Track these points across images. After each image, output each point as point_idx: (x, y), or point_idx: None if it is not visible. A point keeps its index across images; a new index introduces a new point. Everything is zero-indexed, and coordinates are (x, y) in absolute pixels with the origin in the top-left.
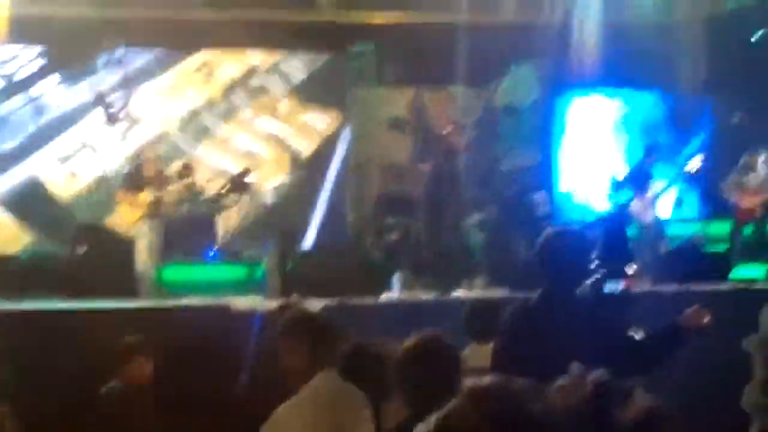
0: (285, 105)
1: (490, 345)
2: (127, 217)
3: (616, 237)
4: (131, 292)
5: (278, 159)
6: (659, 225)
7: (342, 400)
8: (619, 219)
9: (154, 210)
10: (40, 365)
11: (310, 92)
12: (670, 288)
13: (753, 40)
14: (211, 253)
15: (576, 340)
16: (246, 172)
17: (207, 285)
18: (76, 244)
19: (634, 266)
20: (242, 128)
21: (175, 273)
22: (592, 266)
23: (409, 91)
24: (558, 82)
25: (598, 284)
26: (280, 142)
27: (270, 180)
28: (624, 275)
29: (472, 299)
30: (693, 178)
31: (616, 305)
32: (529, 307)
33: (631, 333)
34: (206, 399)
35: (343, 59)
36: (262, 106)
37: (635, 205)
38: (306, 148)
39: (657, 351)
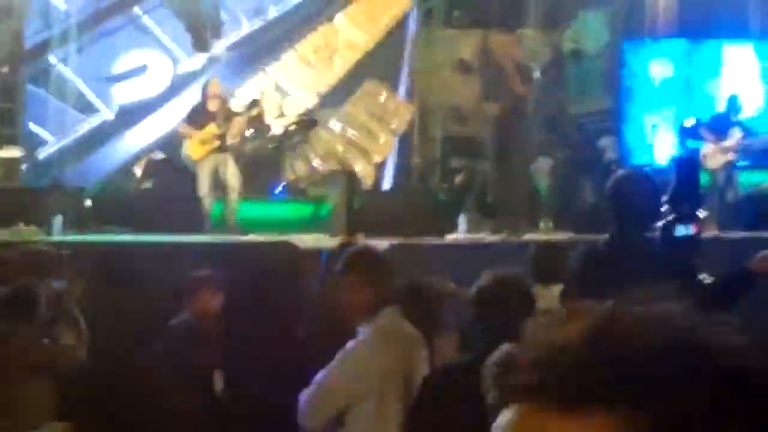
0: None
1: (556, 287)
2: (194, 152)
3: (687, 181)
4: (199, 226)
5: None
6: (731, 172)
7: (405, 337)
8: (690, 164)
9: (220, 144)
10: (111, 297)
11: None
12: (738, 234)
13: None
14: (278, 190)
15: (645, 283)
16: (312, 113)
17: (274, 222)
18: (144, 178)
19: (705, 212)
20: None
21: (243, 209)
22: (662, 210)
23: (477, 33)
24: (627, 28)
25: (668, 228)
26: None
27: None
28: (695, 220)
29: (538, 242)
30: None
31: (686, 249)
32: (598, 250)
33: (700, 277)
34: (272, 335)
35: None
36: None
37: (707, 151)
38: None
39: (726, 295)
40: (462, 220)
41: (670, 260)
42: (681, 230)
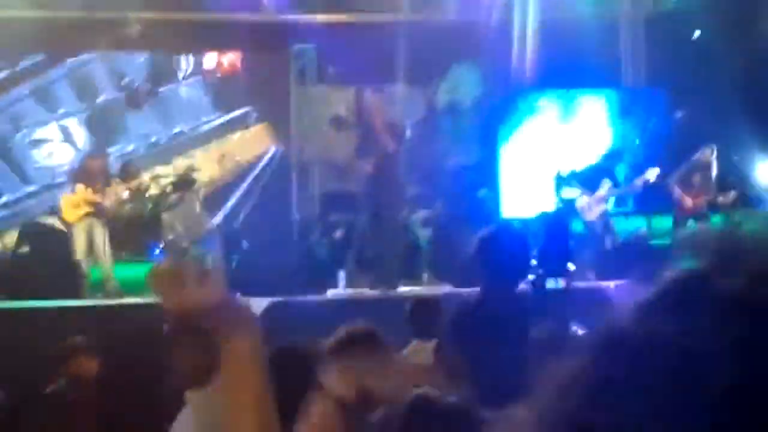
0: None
1: (432, 342)
2: (67, 214)
3: (555, 238)
4: (75, 291)
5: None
6: (606, 221)
7: None
8: (558, 220)
9: (94, 209)
10: None
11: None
12: (614, 282)
13: (693, 38)
14: (157, 251)
15: (516, 337)
16: (190, 170)
17: None
18: (20, 243)
19: (573, 266)
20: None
21: (122, 271)
22: (530, 264)
23: (350, 90)
24: (500, 81)
25: (538, 282)
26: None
27: (214, 178)
28: (564, 274)
29: (414, 297)
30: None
31: (556, 302)
32: (469, 306)
33: (573, 328)
34: (149, 395)
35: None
36: None
37: (582, 202)
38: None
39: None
40: (342, 275)
41: (540, 314)
42: (551, 283)
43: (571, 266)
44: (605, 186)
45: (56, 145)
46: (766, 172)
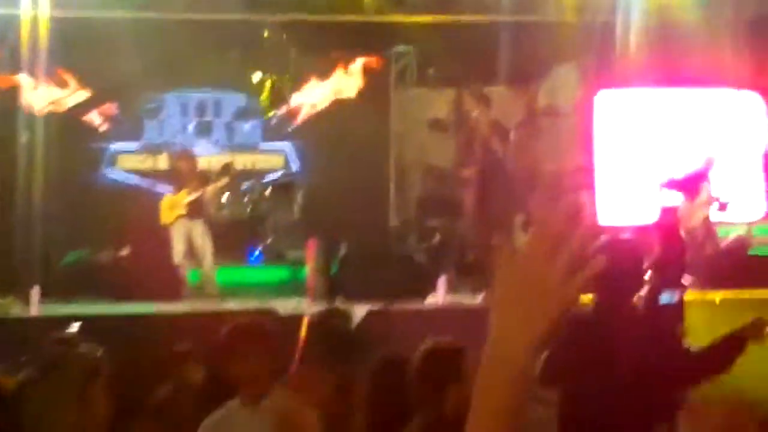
0: None
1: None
2: (164, 216)
3: (670, 247)
4: (175, 295)
5: None
6: (709, 229)
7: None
8: (672, 229)
9: (190, 210)
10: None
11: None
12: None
13: None
14: (255, 255)
15: (631, 351)
16: (291, 173)
17: (252, 287)
18: (119, 247)
19: (690, 278)
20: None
21: (220, 276)
22: (644, 276)
23: (450, 91)
24: (601, 83)
25: (652, 294)
26: None
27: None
28: (680, 286)
29: None
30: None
31: (671, 316)
32: (582, 318)
33: (686, 344)
34: None
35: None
36: None
37: (683, 209)
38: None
39: (714, 362)
40: (441, 282)
41: (655, 327)
42: (665, 297)
43: (686, 279)
44: (706, 191)
45: None
46: None
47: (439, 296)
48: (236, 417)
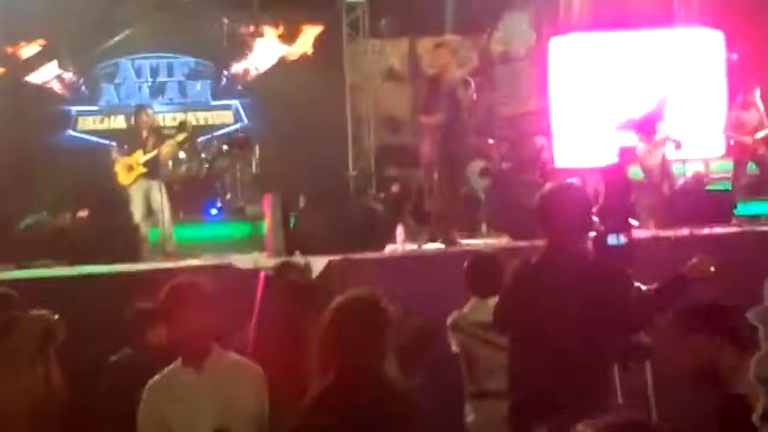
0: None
1: (492, 300)
2: (122, 178)
3: (616, 192)
4: (135, 255)
5: None
6: (665, 167)
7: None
8: (618, 174)
9: (148, 169)
10: None
11: None
12: (675, 233)
13: None
14: (214, 212)
15: (578, 294)
16: (245, 129)
17: (212, 244)
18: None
19: (636, 222)
20: None
21: (180, 233)
22: (591, 219)
23: (404, 41)
24: (553, 27)
25: (599, 239)
26: None
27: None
28: (626, 229)
29: (471, 253)
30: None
31: (620, 259)
32: (532, 264)
33: (635, 285)
34: None
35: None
36: None
37: (641, 149)
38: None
39: (662, 303)
40: (400, 231)
41: (604, 270)
42: (612, 240)
43: (633, 221)
44: (662, 130)
45: None
46: None
47: (397, 245)
48: (179, 378)
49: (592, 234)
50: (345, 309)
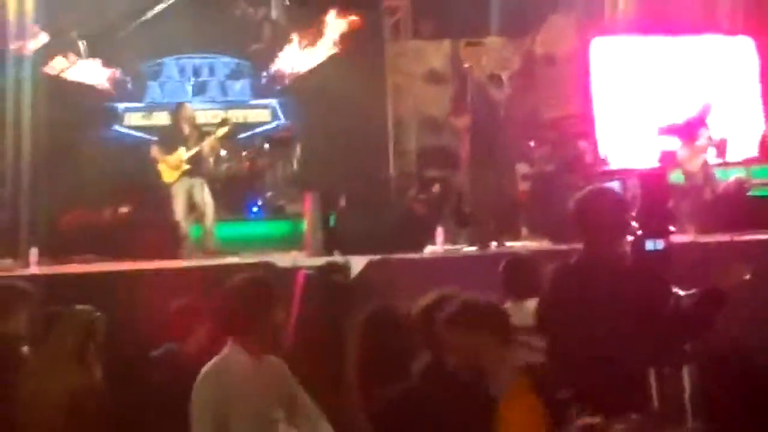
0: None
1: (529, 303)
2: (166, 176)
3: (654, 197)
4: (176, 252)
5: None
6: (707, 173)
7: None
8: (657, 178)
9: (192, 167)
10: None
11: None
12: (716, 238)
13: None
14: (255, 209)
15: (617, 298)
16: (288, 126)
17: (253, 242)
18: (119, 205)
19: (674, 227)
20: None
21: (221, 231)
22: (631, 224)
23: (446, 43)
24: (597, 31)
25: (637, 243)
26: None
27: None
28: (664, 234)
29: (507, 256)
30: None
31: (658, 264)
32: (570, 267)
33: (674, 291)
34: None
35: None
36: None
37: (682, 154)
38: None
39: (702, 320)
40: (440, 232)
41: (642, 275)
42: (650, 245)
43: (671, 227)
44: (704, 135)
45: None
46: None
47: (437, 247)
48: (239, 365)
49: (631, 238)
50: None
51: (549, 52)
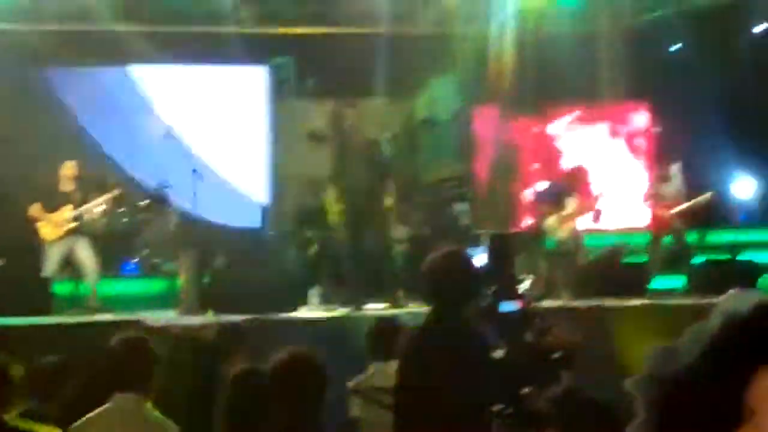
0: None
1: (393, 364)
2: (48, 234)
3: (497, 258)
4: (48, 308)
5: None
6: (577, 240)
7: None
8: (500, 240)
9: (76, 226)
10: None
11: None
12: (584, 303)
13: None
14: (130, 267)
15: (468, 361)
16: (165, 186)
17: (127, 299)
18: None
19: (527, 285)
20: None
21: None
22: (479, 287)
23: (328, 103)
24: (477, 94)
25: (490, 305)
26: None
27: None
28: (515, 295)
29: (373, 319)
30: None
31: (513, 326)
32: (421, 329)
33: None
34: None
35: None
36: None
37: (550, 221)
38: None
39: (543, 372)
40: (314, 293)
41: (489, 339)
42: (504, 307)
43: (520, 287)
44: (572, 203)
45: None
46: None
47: (312, 307)
48: (125, 415)
49: (481, 301)
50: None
51: (430, 114)
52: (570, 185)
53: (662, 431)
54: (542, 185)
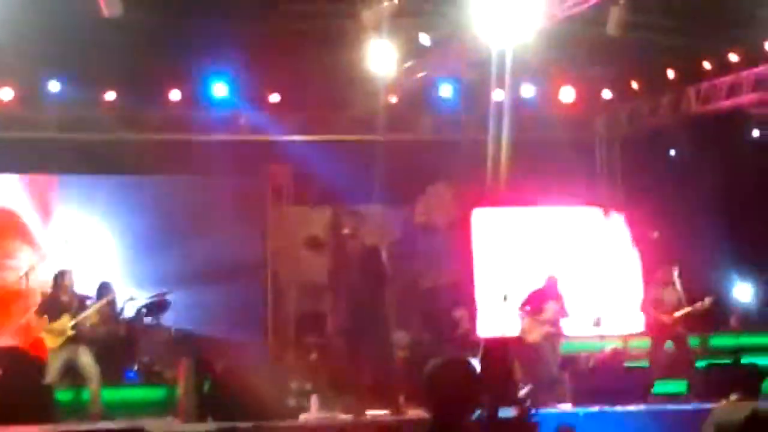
0: None
1: None
2: (50, 343)
3: (498, 361)
4: (50, 416)
5: None
6: (554, 345)
7: None
8: (498, 347)
9: (75, 334)
10: None
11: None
12: (588, 408)
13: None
14: (131, 374)
15: None
16: (165, 293)
17: (128, 406)
18: None
19: (526, 389)
20: None
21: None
22: (478, 395)
23: (327, 210)
24: (474, 200)
25: (488, 412)
26: None
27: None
28: (516, 401)
29: (377, 425)
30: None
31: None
32: None
33: None
34: None
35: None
36: None
37: (523, 324)
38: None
39: None
40: (315, 399)
41: None
42: (503, 413)
43: (521, 393)
44: (551, 309)
45: None
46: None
47: (311, 414)
48: None
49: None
50: None
51: (428, 220)
52: (546, 291)
53: None
54: (527, 290)
